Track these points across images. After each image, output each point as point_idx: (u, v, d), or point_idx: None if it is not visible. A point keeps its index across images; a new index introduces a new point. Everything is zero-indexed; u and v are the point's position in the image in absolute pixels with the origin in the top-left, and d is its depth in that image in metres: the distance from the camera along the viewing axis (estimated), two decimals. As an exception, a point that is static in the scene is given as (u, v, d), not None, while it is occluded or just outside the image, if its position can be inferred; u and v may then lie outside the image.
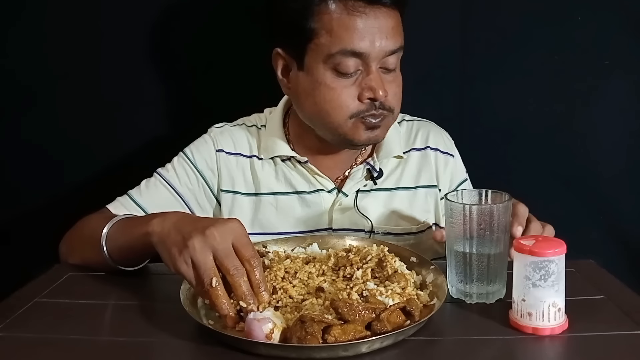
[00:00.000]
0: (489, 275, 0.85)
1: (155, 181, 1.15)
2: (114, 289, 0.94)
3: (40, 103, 1.41)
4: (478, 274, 0.85)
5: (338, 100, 1.04)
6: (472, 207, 0.84)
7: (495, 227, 0.83)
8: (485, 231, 0.83)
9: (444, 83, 1.26)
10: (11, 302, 0.89)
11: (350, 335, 0.72)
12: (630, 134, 1.41)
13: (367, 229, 1.13)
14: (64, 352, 0.76)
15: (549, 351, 0.75)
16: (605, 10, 1.35)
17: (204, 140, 1.19)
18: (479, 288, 0.85)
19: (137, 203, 1.12)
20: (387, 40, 1.01)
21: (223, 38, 1.39)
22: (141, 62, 1.40)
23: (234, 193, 1.16)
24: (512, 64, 1.38)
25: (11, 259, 1.40)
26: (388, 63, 1.04)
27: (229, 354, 0.73)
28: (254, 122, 1.22)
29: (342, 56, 1.01)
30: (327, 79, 1.03)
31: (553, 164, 1.42)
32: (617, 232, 1.43)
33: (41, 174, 1.43)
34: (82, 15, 1.38)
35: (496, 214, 0.83)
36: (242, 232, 0.83)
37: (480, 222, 0.83)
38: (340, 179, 1.17)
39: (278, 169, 1.16)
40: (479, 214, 0.83)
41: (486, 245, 0.84)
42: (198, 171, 1.16)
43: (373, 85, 1.02)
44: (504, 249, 0.85)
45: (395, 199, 1.17)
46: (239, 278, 0.79)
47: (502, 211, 0.83)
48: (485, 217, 0.83)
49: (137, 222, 0.94)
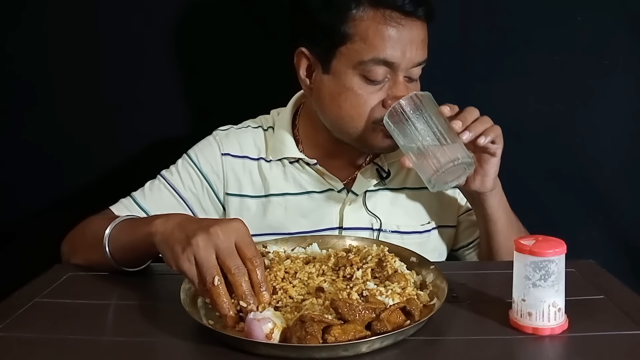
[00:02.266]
0: (442, 141, 0.94)
1: (159, 184, 1.15)
2: (114, 289, 0.94)
3: (41, 104, 1.41)
4: (433, 143, 0.94)
5: (364, 107, 1.04)
6: (400, 103, 0.96)
7: (425, 111, 0.96)
8: (424, 119, 0.96)
9: (444, 83, 1.26)
10: (11, 302, 0.89)
11: (350, 335, 0.72)
12: (630, 134, 1.41)
13: (376, 227, 1.14)
14: (64, 352, 0.76)
15: (549, 351, 0.75)
16: (605, 10, 1.35)
17: (208, 143, 1.18)
18: (443, 157, 0.94)
19: (140, 206, 1.12)
20: (417, 52, 1.03)
21: (224, 39, 1.39)
22: (141, 64, 1.40)
23: (241, 197, 1.16)
24: (512, 64, 1.38)
25: (11, 259, 1.40)
26: (412, 73, 1.05)
27: (229, 354, 0.73)
28: (259, 123, 1.22)
29: (374, 64, 1.01)
30: (355, 84, 1.03)
31: (553, 164, 1.42)
32: (617, 232, 1.43)
33: (41, 175, 1.43)
34: (82, 15, 1.37)
35: (421, 101, 0.97)
36: (245, 232, 0.83)
37: (415, 112, 0.96)
38: (350, 179, 1.17)
39: (287, 170, 1.16)
40: (410, 105, 0.96)
41: (432, 127, 0.95)
42: (203, 175, 1.16)
43: (397, 94, 1.03)
44: (446, 126, 0.96)
45: (402, 198, 1.17)
46: (240, 277, 0.79)
47: (425, 99, 0.97)
48: (417, 106, 0.96)
49: (140, 223, 0.94)
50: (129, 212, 1.10)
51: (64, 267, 1.03)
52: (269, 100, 1.26)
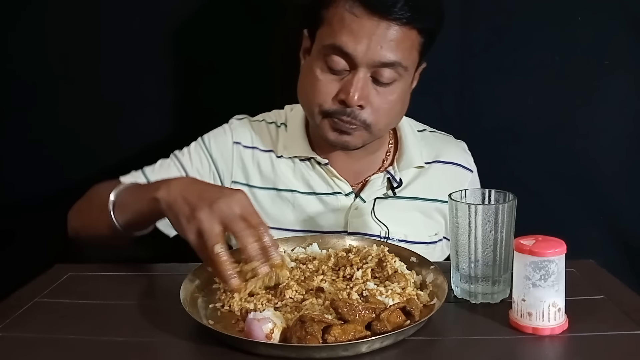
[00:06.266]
0: (494, 275, 0.85)
1: (170, 162, 1.17)
2: (114, 289, 0.94)
3: (41, 104, 1.41)
4: (483, 273, 0.85)
5: (319, 94, 1.05)
6: (477, 206, 0.83)
7: (499, 227, 0.83)
8: (489, 231, 0.83)
9: (444, 83, 1.27)
10: (11, 302, 0.89)
11: (350, 335, 0.72)
12: (630, 134, 1.41)
13: (383, 235, 1.14)
14: (64, 352, 0.76)
15: (549, 351, 0.75)
16: (605, 10, 1.35)
17: (223, 130, 1.20)
18: (484, 288, 0.85)
19: (148, 178, 1.14)
20: (381, 51, 1.00)
21: (224, 38, 1.39)
22: (142, 63, 1.40)
23: (249, 186, 1.17)
24: (512, 64, 1.38)
25: (11, 259, 1.40)
26: (380, 75, 1.03)
27: (229, 354, 0.73)
28: (273, 119, 1.23)
29: (331, 50, 1.02)
30: (318, 69, 1.05)
31: (553, 164, 1.42)
32: (617, 232, 1.43)
33: (42, 175, 1.43)
34: (83, 15, 1.37)
35: (501, 213, 0.83)
36: (248, 202, 0.85)
37: (485, 222, 0.83)
38: (359, 184, 1.17)
39: (296, 168, 1.17)
40: (484, 214, 0.83)
41: (491, 245, 0.84)
42: (212, 159, 1.17)
43: (347, 88, 1.02)
44: (508, 249, 0.85)
45: (412, 208, 1.16)
46: (247, 238, 0.81)
47: (507, 211, 0.83)
48: (490, 217, 0.83)
49: (144, 188, 0.98)
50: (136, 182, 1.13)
51: (64, 267, 1.03)
52: (270, 100, 1.26)
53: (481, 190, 0.89)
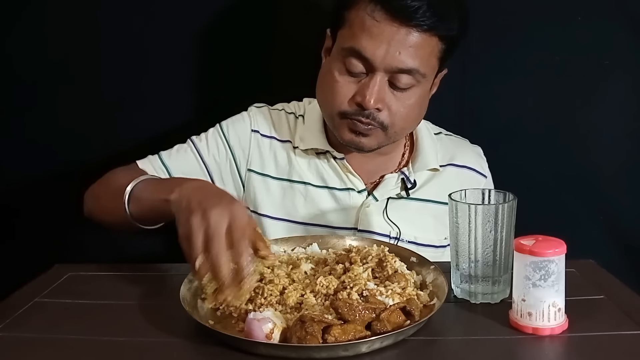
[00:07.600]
0: (494, 275, 0.85)
1: (186, 147, 1.18)
2: (114, 289, 0.94)
3: (41, 103, 1.41)
4: (483, 273, 0.85)
5: (336, 95, 1.05)
6: (477, 206, 0.84)
7: (499, 227, 0.83)
8: (489, 231, 0.83)
9: (444, 83, 1.26)
10: (11, 302, 0.89)
11: (350, 335, 0.72)
12: (631, 134, 1.41)
13: (394, 236, 1.13)
14: (64, 352, 0.76)
15: (549, 351, 0.75)
16: (605, 10, 1.35)
17: (241, 118, 1.20)
18: (484, 288, 0.85)
19: (164, 164, 1.15)
20: (399, 56, 1.00)
21: (225, 37, 1.39)
22: (142, 62, 1.40)
23: (264, 176, 1.17)
24: (512, 64, 1.38)
25: (11, 259, 1.40)
26: (397, 80, 1.03)
27: (229, 354, 0.73)
28: (293, 109, 1.23)
29: (350, 53, 1.02)
30: (336, 70, 1.05)
31: (553, 163, 1.42)
32: (617, 232, 1.42)
33: (42, 175, 1.43)
34: (83, 15, 1.37)
35: (501, 213, 0.83)
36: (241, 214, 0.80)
37: (485, 222, 0.83)
38: (373, 182, 1.17)
39: (311, 161, 1.17)
40: (484, 214, 0.83)
41: (491, 245, 0.84)
42: (229, 146, 1.17)
43: (364, 91, 1.02)
44: (508, 249, 0.85)
45: (424, 210, 1.16)
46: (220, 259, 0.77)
47: (507, 211, 0.83)
48: (490, 217, 0.83)
49: (160, 187, 0.97)
50: (152, 168, 1.14)
51: (64, 267, 1.03)
52: (272, 97, 1.26)
53: (481, 190, 0.89)
